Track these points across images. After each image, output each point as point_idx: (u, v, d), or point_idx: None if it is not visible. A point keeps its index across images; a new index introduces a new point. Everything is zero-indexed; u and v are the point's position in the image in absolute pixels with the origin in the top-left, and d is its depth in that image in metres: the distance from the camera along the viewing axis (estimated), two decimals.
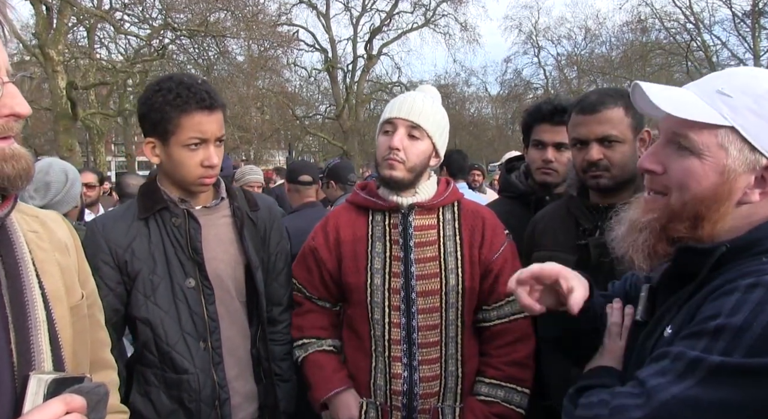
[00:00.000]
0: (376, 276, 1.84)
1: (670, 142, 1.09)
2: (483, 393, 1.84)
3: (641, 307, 1.22)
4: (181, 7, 15.74)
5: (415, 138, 1.82)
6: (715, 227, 1.06)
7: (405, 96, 1.87)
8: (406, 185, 1.84)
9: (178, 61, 17.65)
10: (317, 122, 27.76)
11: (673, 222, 1.09)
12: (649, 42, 23.20)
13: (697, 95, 1.07)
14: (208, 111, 1.73)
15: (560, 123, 2.18)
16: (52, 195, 2.73)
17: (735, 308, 0.95)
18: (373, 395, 1.86)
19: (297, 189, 3.66)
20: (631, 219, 1.16)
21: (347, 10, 26.35)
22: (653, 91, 1.09)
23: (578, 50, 26.27)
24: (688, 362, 0.95)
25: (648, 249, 1.12)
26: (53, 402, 0.86)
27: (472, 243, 1.87)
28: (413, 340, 1.80)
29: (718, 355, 0.93)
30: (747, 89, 1.03)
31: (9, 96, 0.93)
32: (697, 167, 1.05)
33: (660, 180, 1.11)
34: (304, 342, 1.97)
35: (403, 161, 1.80)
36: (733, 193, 1.04)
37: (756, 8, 20.52)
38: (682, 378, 0.95)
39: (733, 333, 0.93)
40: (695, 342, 0.97)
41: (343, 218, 1.93)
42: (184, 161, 1.76)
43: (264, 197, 2.28)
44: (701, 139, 1.04)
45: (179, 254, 1.79)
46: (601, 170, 1.83)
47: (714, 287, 1.02)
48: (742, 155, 1.02)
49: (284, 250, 2.07)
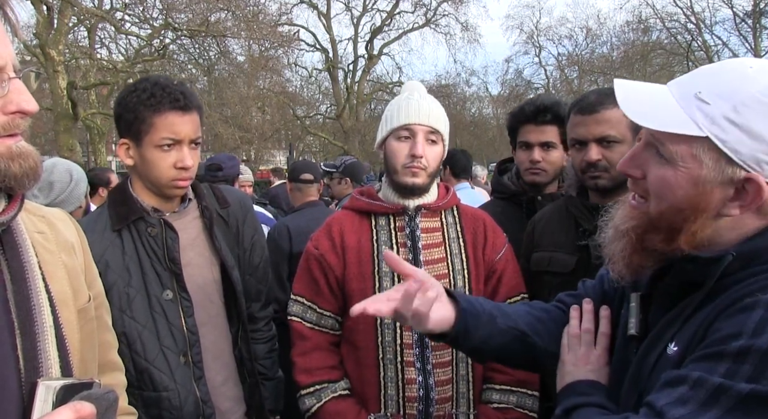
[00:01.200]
0: (385, 280, 1.79)
1: (649, 145, 1.03)
2: (495, 400, 1.82)
3: (633, 319, 1.11)
4: (182, 7, 15.74)
5: (434, 142, 1.81)
6: (693, 239, 0.98)
7: (417, 99, 1.83)
8: (425, 190, 1.83)
9: (178, 61, 17.68)
10: (318, 121, 27.77)
11: (650, 233, 1.03)
12: (650, 42, 23.20)
13: (675, 98, 0.99)
14: (181, 112, 1.69)
15: (544, 123, 2.20)
16: (56, 194, 2.70)
17: (758, 328, 0.86)
18: (383, 407, 1.78)
19: (299, 188, 3.67)
20: (615, 224, 1.11)
21: (348, 10, 26.39)
22: (626, 97, 1.02)
23: (579, 50, 26.27)
24: (713, 390, 0.86)
25: (623, 260, 1.07)
26: (62, 410, 0.84)
27: (476, 245, 1.87)
28: (426, 343, 1.77)
29: (744, 381, 0.84)
30: (728, 95, 0.94)
31: (16, 92, 0.91)
32: (671, 177, 0.98)
33: (641, 185, 1.05)
34: (316, 388, 1.80)
35: (425, 168, 1.79)
36: (709, 205, 0.96)
37: (757, 8, 20.51)
38: (706, 408, 0.86)
39: (759, 357, 0.84)
40: (715, 365, 0.87)
41: (346, 223, 1.88)
42: (156, 162, 1.71)
43: (234, 190, 2.19)
44: (675, 148, 0.97)
45: (155, 265, 1.72)
46: (599, 171, 1.82)
47: (728, 300, 0.94)
48: (718, 166, 0.94)
49: (259, 243, 2.02)
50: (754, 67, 0.96)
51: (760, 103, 0.92)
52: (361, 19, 26.24)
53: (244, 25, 15.90)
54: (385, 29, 26.26)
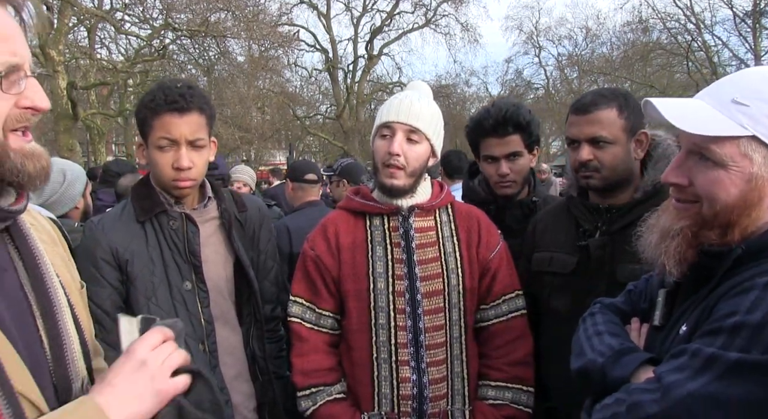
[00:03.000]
0: (380, 280, 1.81)
1: (691, 153, 1.11)
2: (491, 397, 1.84)
3: (659, 311, 1.23)
4: (182, 8, 15.72)
5: (414, 142, 1.80)
6: (746, 231, 1.08)
7: (400, 98, 1.83)
8: (407, 191, 1.82)
9: (178, 62, 17.65)
10: (318, 122, 27.76)
11: (705, 229, 1.10)
12: (650, 42, 23.15)
13: (713, 106, 1.09)
14: (178, 113, 1.74)
15: (506, 134, 2.15)
16: (48, 195, 2.64)
17: (753, 306, 0.97)
18: (377, 406, 1.79)
19: (301, 188, 3.66)
20: (663, 226, 1.18)
21: (348, 11, 26.40)
22: (667, 110, 1.10)
23: (579, 50, 26.26)
24: (706, 358, 0.96)
25: (679, 255, 1.13)
26: (152, 334, 0.98)
27: (470, 243, 1.88)
28: (420, 342, 1.79)
29: (736, 352, 0.94)
30: (762, 96, 1.05)
31: (31, 89, 0.95)
32: (724, 178, 1.07)
33: (687, 191, 1.13)
34: (312, 390, 1.82)
35: (403, 167, 1.78)
36: (762, 198, 1.06)
37: (757, 8, 20.48)
38: (699, 374, 0.96)
39: (751, 331, 0.95)
40: (713, 339, 0.98)
41: (341, 224, 1.89)
42: (157, 162, 1.78)
43: (252, 198, 2.29)
44: (724, 151, 1.06)
45: (176, 258, 1.81)
46: (590, 171, 1.83)
47: (729, 285, 1.04)
48: (766, 160, 1.05)
49: (273, 248, 2.09)
50: None
51: None
52: (361, 19, 26.29)
53: (244, 26, 15.88)
54: (385, 29, 26.31)
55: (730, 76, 1.15)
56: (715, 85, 1.15)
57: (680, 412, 0.96)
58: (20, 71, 0.93)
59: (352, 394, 1.84)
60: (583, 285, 1.82)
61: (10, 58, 0.90)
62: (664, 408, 0.97)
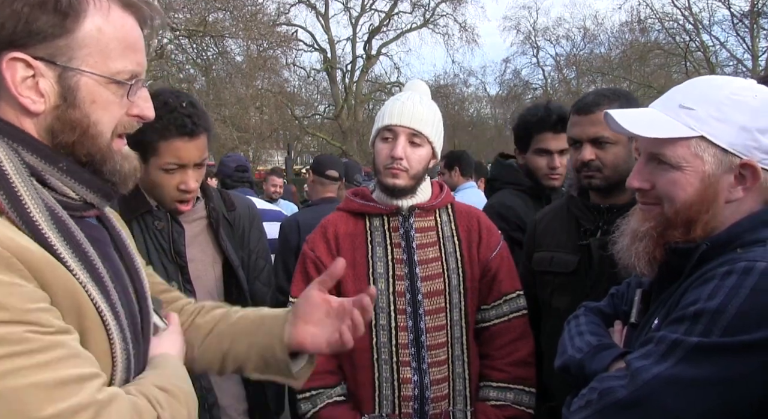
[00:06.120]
0: (380, 281, 1.80)
1: (650, 159, 1.20)
2: (493, 398, 1.83)
3: (635, 310, 1.30)
4: (180, 7, 15.72)
5: (417, 145, 1.80)
6: (707, 227, 1.14)
7: (402, 100, 1.82)
8: (408, 191, 1.82)
9: (176, 61, 17.64)
10: (316, 122, 27.75)
11: (669, 229, 1.17)
12: (648, 42, 23.17)
13: (663, 112, 1.18)
14: (188, 137, 1.71)
15: (562, 130, 2.22)
16: None
17: (713, 294, 1.04)
18: (378, 407, 1.79)
19: (321, 182, 3.63)
20: (632, 229, 1.25)
21: (346, 10, 26.38)
22: (623, 119, 1.19)
23: (577, 50, 26.27)
24: (670, 344, 1.04)
25: (648, 255, 1.20)
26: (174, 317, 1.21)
27: (470, 243, 1.88)
28: (422, 343, 1.78)
29: (697, 337, 1.02)
30: (707, 99, 1.14)
31: (143, 99, 1.01)
32: (680, 178, 1.14)
33: (650, 194, 1.21)
34: (312, 393, 1.80)
35: (406, 170, 1.78)
36: (718, 194, 1.13)
37: (754, 9, 20.54)
38: (664, 359, 1.04)
39: (710, 316, 1.02)
40: (677, 326, 1.07)
41: (341, 225, 1.88)
42: (160, 183, 1.76)
43: (242, 197, 2.26)
44: (676, 153, 1.14)
45: (162, 258, 1.79)
46: (592, 171, 1.84)
47: (694, 278, 1.13)
48: (716, 159, 1.12)
49: (264, 248, 2.08)
50: (719, 79, 1.19)
51: (734, 101, 1.12)
52: (360, 19, 26.26)
53: (242, 25, 15.90)
54: (383, 29, 26.32)
55: (680, 85, 1.23)
56: (667, 94, 1.23)
57: (647, 394, 1.03)
58: (138, 81, 0.98)
59: (353, 396, 1.83)
60: (585, 285, 1.83)
61: (137, 68, 0.97)
62: (631, 392, 1.04)
